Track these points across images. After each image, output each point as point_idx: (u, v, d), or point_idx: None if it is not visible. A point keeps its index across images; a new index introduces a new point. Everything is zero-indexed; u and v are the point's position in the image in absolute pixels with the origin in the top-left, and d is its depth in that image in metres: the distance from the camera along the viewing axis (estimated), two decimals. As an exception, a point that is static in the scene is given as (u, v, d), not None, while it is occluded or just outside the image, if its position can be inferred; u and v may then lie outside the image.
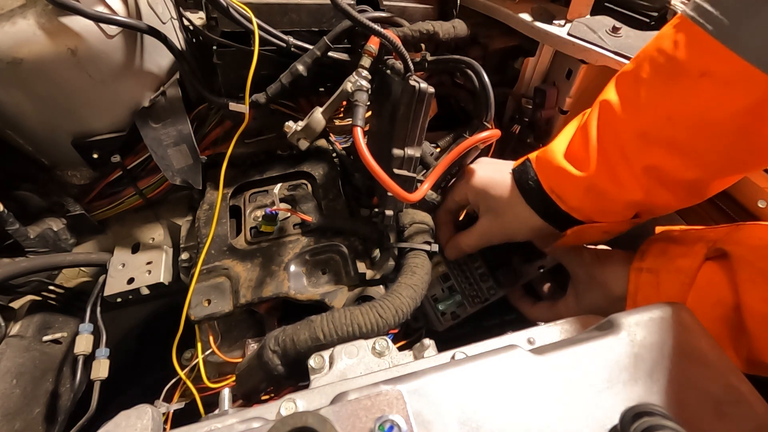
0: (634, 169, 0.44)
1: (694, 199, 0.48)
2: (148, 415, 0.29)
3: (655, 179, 0.44)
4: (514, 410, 0.27)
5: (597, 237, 0.52)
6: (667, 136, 0.42)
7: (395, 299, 0.45)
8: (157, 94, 0.54)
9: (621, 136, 0.45)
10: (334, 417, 0.24)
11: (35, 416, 0.52)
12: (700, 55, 0.39)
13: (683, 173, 0.43)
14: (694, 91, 0.39)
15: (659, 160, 0.43)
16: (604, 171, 0.46)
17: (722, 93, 0.38)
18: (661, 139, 0.42)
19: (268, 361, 0.41)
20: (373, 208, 0.56)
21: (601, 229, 0.50)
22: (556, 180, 0.49)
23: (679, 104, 0.41)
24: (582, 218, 0.49)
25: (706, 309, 0.43)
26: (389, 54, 0.53)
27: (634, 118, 0.44)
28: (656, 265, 0.47)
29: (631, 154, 0.44)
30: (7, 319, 0.54)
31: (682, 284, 0.44)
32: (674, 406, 0.27)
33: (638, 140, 0.43)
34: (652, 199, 0.46)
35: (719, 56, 0.37)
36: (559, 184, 0.49)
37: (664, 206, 0.48)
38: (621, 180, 0.45)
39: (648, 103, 0.43)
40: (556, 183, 0.49)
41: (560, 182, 0.49)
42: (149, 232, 0.62)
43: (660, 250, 0.48)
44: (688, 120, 0.40)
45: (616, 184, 0.46)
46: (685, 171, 0.43)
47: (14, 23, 0.43)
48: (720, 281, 0.43)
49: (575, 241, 0.52)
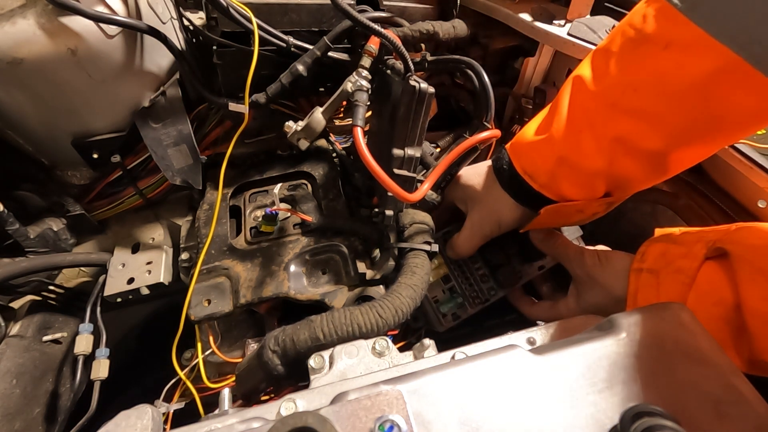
0: (601, 139, 0.46)
1: (659, 173, 0.49)
2: (148, 415, 0.29)
3: (621, 149, 0.46)
4: (514, 410, 0.27)
5: (572, 217, 0.54)
6: (634, 105, 0.44)
7: (395, 299, 0.45)
8: (157, 94, 0.54)
9: (590, 107, 0.47)
10: (334, 417, 0.24)
11: (35, 416, 0.52)
12: (665, 26, 0.41)
13: (648, 142, 0.45)
14: (659, 60, 0.42)
15: (626, 129, 0.45)
16: (570, 141, 0.48)
17: (684, 60, 0.40)
18: (628, 108, 0.44)
19: (267, 361, 0.41)
20: (373, 208, 0.56)
21: (574, 207, 0.51)
22: (526, 158, 0.52)
23: (644, 73, 0.43)
24: (553, 196, 0.51)
25: (707, 309, 0.43)
26: (389, 54, 0.53)
27: (604, 89, 0.46)
28: (656, 266, 0.47)
29: (599, 125, 0.46)
30: (7, 319, 0.54)
31: (683, 284, 0.44)
32: (674, 406, 0.27)
33: (606, 111, 0.46)
34: (617, 170, 0.48)
35: (683, 27, 0.39)
36: (530, 161, 0.51)
37: (629, 178, 0.49)
38: (586, 149, 0.47)
39: (616, 74, 0.45)
40: (526, 161, 0.51)
41: (530, 159, 0.51)
42: (149, 232, 0.62)
43: (660, 250, 0.48)
44: (653, 88, 0.43)
45: (581, 153, 0.47)
46: (649, 139, 0.45)
47: (14, 23, 0.43)
48: (720, 281, 0.43)
49: (550, 221, 0.54)
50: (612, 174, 0.48)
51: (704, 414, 0.27)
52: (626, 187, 0.51)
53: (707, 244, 0.45)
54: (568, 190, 0.50)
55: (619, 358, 0.30)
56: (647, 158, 0.47)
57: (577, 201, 0.51)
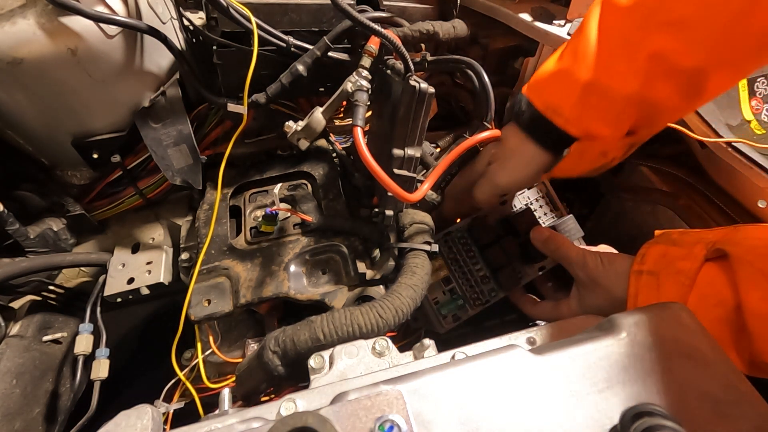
0: (636, 57, 0.45)
1: (692, 96, 0.47)
2: (148, 415, 0.29)
3: (657, 67, 0.45)
4: (513, 410, 0.27)
5: (595, 161, 0.52)
6: (673, 17, 0.43)
7: (395, 299, 0.45)
8: (157, 94, 0.54)
9: (623, 24, 0.45)
10: (334, 417, 0.24)
11: (35, 416, 0.52)
12: None
13: (686, 58, 0.44)
14: None
15: (663, 45, 0.43)
16: (601, 64, 0.46)
17: None
18: (666, 21, 0.43)
19: (268, 362, 0.41)
20: (373, 208, 0.56)
21: (598, 149, 0.50)
22: (549, 92, 0.50)
23: None
24: (578, 132, 0.49)
25: (708, 310, 0.42)
26: (389, 54, 0.53)
27: (638, 2, 0.44)
28: (656, 268, 0.47)
29: (634, 42, 0.44)
30: (7, 319, 0.54)
31: (683, 286, 0.44)
32: (674, 406, 0.27)
33: (642, 26, 0.44)
34: (650, 94, 0.46)
35: None
36: (553, 93, 0.49)
37: (662, 105, 0.48)
38: (619, 70, 0.45)
39: None
40: (549, 94, 0.50)
41: (553, 92, 0.49)
42: (149, 232, 0.62)
43: (660, 252, 0.48)
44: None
45: (613, 76, 0.46)
46: (688, 55, 0.43)
47: (14, 23, 0.43)
48: (720, 282, 0.43)
49: (573, 166, 0.52)
50: (644, 99, 0.46)
51: (704, 414, 0.27)
52: (655, 118, 0.49)
53: (707, 246, 0.45)
54: (595, 123, 0.48)
55: (619, 358, 0.30)
56: (684, 77, 0.45)
57: (604, 136, 0.48)
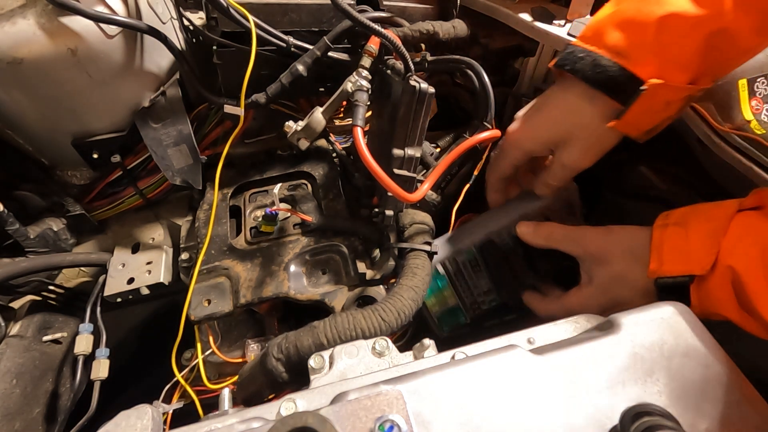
0: None
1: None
2: (148, 415, 0.29)
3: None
4: (513, 410, 0.27)
5: (660, 110, 0.48)
6: None
7: (397, 301, 0.45)
8: (157, 94, 0.54)
9: None
10: (334, 417, 0.24)
11: (35, 416, 0.52)
12: None
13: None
14: None
15: None
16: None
17: None
18: None
19: (272, 369, 0.41)
20: (373, 208, 0.56)
21: (662, 98, 0.46)
22: (620, 32, 0.46)
23: None
24: (648, 73, 0.45)
25: (744, 251, 0.40)
26: (389, 54, 0.53)
27: None
28: (684, 219, 0.45)
29: None
30: (7, 319, 0.54)
31: (715, 231, 0.42)
32: (674, 406, 0.27)
33: None
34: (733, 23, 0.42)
35: None
36: (625, 32, 0.46)
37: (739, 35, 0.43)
38: None
39: None
40: (620, 34, 0.46)
41: (626, 31, 0.46)
42: (149, 232, 0.62)
43: (686, 209, 0.46)
44: None
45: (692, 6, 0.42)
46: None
47: (14, 23, 0.43)
48: (759, 225, 0.41)
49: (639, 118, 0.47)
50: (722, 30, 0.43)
51: (704, 414, 0.27)
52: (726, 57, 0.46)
53: (739, 202, 0.43)
54: (667, 62, 0.45)
55: (619, 358, 0.30)
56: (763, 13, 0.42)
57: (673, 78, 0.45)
